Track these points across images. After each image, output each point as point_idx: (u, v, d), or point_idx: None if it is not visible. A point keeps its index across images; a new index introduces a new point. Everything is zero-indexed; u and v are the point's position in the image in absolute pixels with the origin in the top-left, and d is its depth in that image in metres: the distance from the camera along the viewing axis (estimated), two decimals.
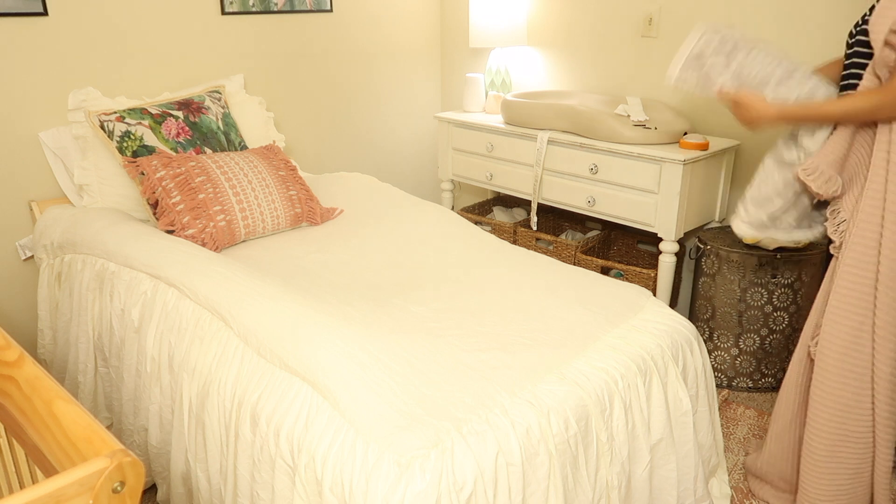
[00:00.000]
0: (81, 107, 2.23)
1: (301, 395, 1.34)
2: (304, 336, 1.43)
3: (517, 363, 1.43)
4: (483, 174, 2.95)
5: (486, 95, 3.11)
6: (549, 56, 3.11)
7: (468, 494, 1.16)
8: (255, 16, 2.75)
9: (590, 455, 1.38)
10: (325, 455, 1.21)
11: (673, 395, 1.58)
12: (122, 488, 0.80)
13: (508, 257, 2.00)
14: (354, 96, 3.22)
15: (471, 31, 3.03)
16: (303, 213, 2.24)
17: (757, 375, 2.45)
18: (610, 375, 1.45)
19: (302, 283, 1.80)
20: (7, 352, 1.04)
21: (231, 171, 2.12)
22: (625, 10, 2.78)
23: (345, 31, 3.08)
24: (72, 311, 1.99)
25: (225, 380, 1.47)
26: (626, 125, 2.42)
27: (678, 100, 2.71)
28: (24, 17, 2.14)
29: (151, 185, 2.05)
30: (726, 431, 2.25)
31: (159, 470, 1.76)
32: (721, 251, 2.35)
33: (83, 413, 0.89)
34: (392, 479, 1.13)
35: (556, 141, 2.59)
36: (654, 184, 2.36)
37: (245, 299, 1.58)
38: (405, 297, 1.75)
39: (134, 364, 1.77)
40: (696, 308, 2.50)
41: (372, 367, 1.36)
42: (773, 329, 2.36)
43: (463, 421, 1.24)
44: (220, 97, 2.49)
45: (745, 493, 1.97)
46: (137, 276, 1.81)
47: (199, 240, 1.98)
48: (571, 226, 3.18)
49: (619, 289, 1.80)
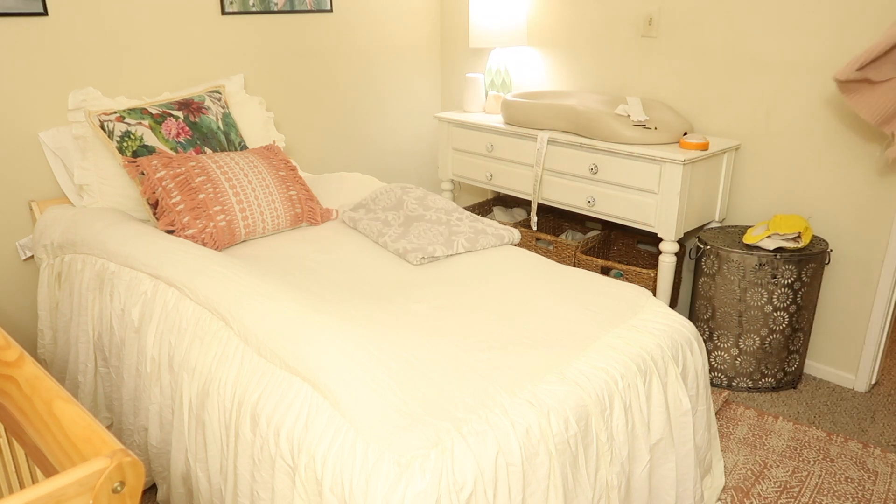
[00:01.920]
0: (81, 107, 2.23)
1: (301, 394, 1.34)
2: (305, 336, 1.43)
3: (517, 363, 1.43)
4: (483, 174, 2.95)
5: (486, 95, 3.11)
6: (549, 56, 3.11)
7: (468, 494, 1.16)
8: (255, 16, 2.75)
9: (590, 455, 1.38)
10: (325, 455, 1.21)
11: (673, 396, 1.59)
12: (122, 488, 0.80)
13: (508, 257, 2.00)
14: (354, 96, 3.23)
15: (471, 31, 3.03)
16: (303, 213, 2.24)
17: (757, 375, 2.45)
18: (610, 375, 1.45)
19: (302, 283, 1.80)
20: (7, 352, 1.04)
21: (231, 171, 2.12)
22: (625, 10, 2.78)
23: (345, 30, 3.08)
24: (72, 311, 1.99)
25: (225, 380, 1.47)
26: (626, 125, 2.42)
27: (678, 100, 2.71)
28: (24, 17, 2.14)
29: (151, 185, 2.05)
30: (726, 431, 2.25)
31: (159, 470, 1.76)
32: (721, 251, 2.35)
33: (83, 413, 0.89)
34: (392, 479, 1.13)
35: (556, 141, 2.59)
36: (654, 184, 2.36)
37: (245, 299, 1.58)
38: (405, 296, 1.75)
39: (134, 364, 1.77)
40: (696, 308, 2.50)
41: (372, 367, 1.36)
42: (773, 329, 2.36)
43: (463, 421, 1.24)
44: (220, 97, 2.49)
45: (745, 492, 1.97)
46: (137, 275, 1.81)
47: (199, 240, 1.98)
48: (571, 226, 3.18)
49: (618, 289, 1.80)
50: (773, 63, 2.42)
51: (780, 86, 2.42)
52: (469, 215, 2.23)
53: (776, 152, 2.48)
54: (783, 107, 2.43)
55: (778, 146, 2.47)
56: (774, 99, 2.45)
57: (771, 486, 2.00)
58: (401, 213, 2.24)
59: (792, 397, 2.47)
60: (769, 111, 2.47)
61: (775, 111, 2.45)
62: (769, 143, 2.50)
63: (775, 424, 2.29)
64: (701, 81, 2.62)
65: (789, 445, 2.18)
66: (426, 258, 1.96)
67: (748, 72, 2.49)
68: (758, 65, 2.46)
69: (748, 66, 2.48)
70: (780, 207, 2.52)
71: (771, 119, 2.47)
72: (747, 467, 2.08)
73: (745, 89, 2.51)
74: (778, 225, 2.33)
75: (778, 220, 2.36)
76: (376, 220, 2.20)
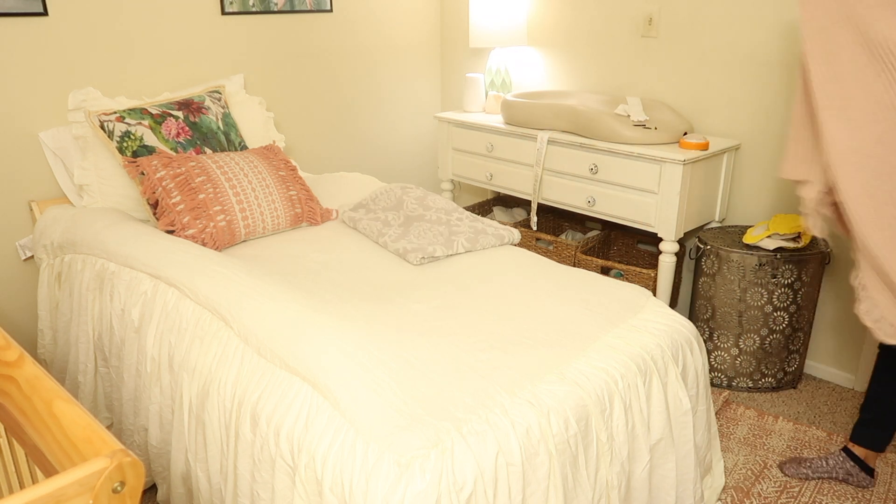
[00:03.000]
0: (81, 107, 2.23)
1: (301, 394, 1.34)
2: (305, 336, 1.43)
3: (517, 363, 1.43)
4: (483, 174, 2.95)
5: (486, 95, 3.11)
6: (549, 56, 3.11)
7: (468, 494, 1.16)
8: (255, 16, 2.75)
9: (590, 455, 1.38)
10: (326, 455, 1.21)
11: (673, 396, 1.58)
12: (122, 488, 0.80)
13: (509, 257, 2.00)
14: (354, 96, 3.22)
15: (471, 31, 3.03)
16: (303, 213, 2.24)
17: (757, 375, 2.45)
18: (610, 375, 1.45)
19: (302, 283, 1.80)
20: (7, 352, 1.04)
21: (231, 172, 2.12)
22: (625, 10, 2.78)
23: (345, 31, 3.08)
24: (72, 311, 1.99)
25: (225, 380, 1.47)
26: (626, 125, 2.42)
27: (678, 100, 2.71)
28: (24, 17, 2.14)
29: (151, 185, 2.05)
30: (726, 431, 2.25)
31: (159, 470, 1.76)
32: (721, 251, 2.35)
33: (83, 413, 0.89)
34: (392, 479, 1.13)
35: (556, 141, 2.59)
36: (654, 184, 2.36)
37: (245, 299, 1.58)
38: (405, 296, 1.75)
39: (134, 364, 1.77)
40: (696, 308, 2.50)
41: (372, 367, 1.36)
42: (773, 329, 2.36)
43: (463, 421, 1.24)
44: (220, 97, 2.49)
45: (745, 492, 1.97)
46: (137, 276, 1.81)
47: (199, 240, 1.98)
48: (571, 226, 3.18)
49: (618, 289, 1.80)
50: (773, 63, 2.42)
51: (780, 86, 2.42)
52: (469, 215, 2.23)
53: (776, 152, 2.48)
54: (783, 107, 2.43)
55: (778, 146, 2.47)
56: (774, 99, 2.45)
57: (771, 486, 2.00)
58: (401, 213, 2.24)
59: (792, 397, 2.47)
60: (769, 111, 2.47)
61: (775, 111, 2.45)
62: (769, 143, 2.50)
63: (775, 424, 2.29)
64: (701, 81, 2.62)
65: (789, 445, 2.18)
66: (426, 258, 1.96)
67: (748, 72, 2.49)
68: (758, 65, 2.46)
69: (748, 66, 2.48)
70: (780, 207, 2.52)
71: (771, 119, 2.47)
72: (747, 467, 2.08)
73: (745, 89, 2.51)
74: (778, 225, 2.33)
75: (778, 220, 2.36)
76: (376, 220, 2.20)
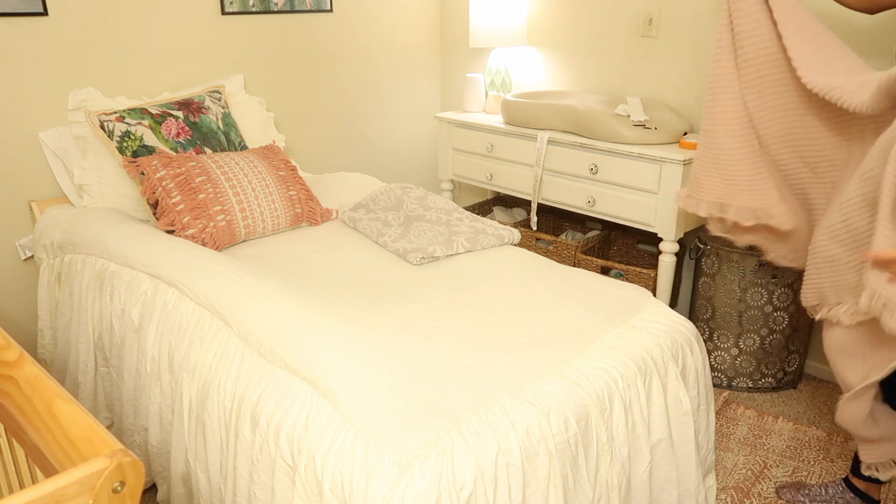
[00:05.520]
0: (81, 107, 2.23)
1: (301, 394, 1.34)
2: (305, 336, 1.43)
3: (517, 363, 1.43)
4: (483, 174, 2.95)
5: (486, 95, 3.11)
6: (549, 56, 3.11)
7: (468, 494, 1.16)
8: (255, 16, 2.75)
9: (590, 455, 1.38)
10: (325, 455, 1.21)
11: (673, 396, 1.58)
12: (122, 488, 0.80)
13: (509, 257, 2.00)
14: (354, 96, 3.22)
15: (471, 31, 3.03)
16: (303, 213, 2.24)
17: (757, 375, 2.45)
18: (610, 375, 1.45)
19: (302, 283, 1.80)
20: (7, 352, 1.04)
21: (231, 171, 2.12)
22: (625, 10, 2.78)
23: (345, 30, 3.08)
24: (72, 311, 1.99)
25: (225, 380, 1.47)
26: (626, 125, 2.42)
27: (678, 100, 2.71)
28: (24, 17, 2.14)
29: (151, 185, 2.05)
30: (726, 431, 2.25)
31: (159, 470, 1.76)
32: (721, 251, 2.35)
33: (83, 413, 0.89)
34: (392, 479, 1.13)
35: (556, 141, 2.59)
36: (654, 184, 2.36)
37: (245, 299, 1.58)
38: (405, 296, 1.75)
39: (134, 364, 1.77)
40: (696, 308, 2.50)
41: (372, 367, 1.36)
42: (773, 329, 2.36)
43: (463, 421, 1.24)
44: (220, 97, 2.49)
45: (745, 492, 1.97)
46: (137, 275, 1.81)
47: (199, 240, 1.98)
48: (571, 226, 3.18)
49: (618, 289, 1.80)
50: None
51: None
52: (469, 215, 2.23)
53: None
54: None
55: None
56: None
57: (771, 486, 2.00)
58: (401, 213, 2.24)
59: (792, 397, 2.47)
60: None
61: None
62: None
63: (775, 424, 2.29)
64: (701, 81, 2.62)
65: (789, 445, 2.18)
66: (426, 258, 1.96)
67: None
68: None
69: None
70: None
71: None
72: (747, 467, 2.08)
73: None
74: None
75: None
76: (376, 220, 2.20)
